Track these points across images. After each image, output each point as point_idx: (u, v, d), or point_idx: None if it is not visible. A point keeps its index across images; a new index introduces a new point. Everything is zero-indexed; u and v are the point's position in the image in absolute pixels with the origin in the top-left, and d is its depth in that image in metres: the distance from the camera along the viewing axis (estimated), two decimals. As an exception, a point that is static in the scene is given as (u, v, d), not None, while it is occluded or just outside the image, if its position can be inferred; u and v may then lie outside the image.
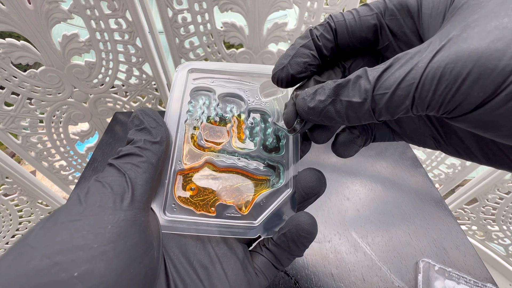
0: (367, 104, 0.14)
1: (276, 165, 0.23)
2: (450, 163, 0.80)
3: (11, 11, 0.47)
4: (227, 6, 0.52)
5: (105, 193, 0.15)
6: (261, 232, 0.21)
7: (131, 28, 0.53)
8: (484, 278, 0.36)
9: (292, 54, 0.18)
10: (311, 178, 0.22)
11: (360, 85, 0.14)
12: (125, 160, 0.17)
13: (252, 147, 0.23)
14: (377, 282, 0.35)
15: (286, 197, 0.22)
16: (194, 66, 0.24)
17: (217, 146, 0.22)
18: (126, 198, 0.16)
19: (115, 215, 0.15)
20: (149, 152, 0.18)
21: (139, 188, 0.16)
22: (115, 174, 0.17)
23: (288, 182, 0.22)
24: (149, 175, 0.17)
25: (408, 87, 0.13)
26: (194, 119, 0.23)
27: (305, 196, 0.22)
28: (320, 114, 0.16)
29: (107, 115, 0.70)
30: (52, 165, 0.77)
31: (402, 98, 0.13)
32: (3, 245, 0.78)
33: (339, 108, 0.15)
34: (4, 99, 0.59)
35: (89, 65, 0.59)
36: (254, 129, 0.24)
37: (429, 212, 0.43)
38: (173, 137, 0.22)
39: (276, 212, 0.21)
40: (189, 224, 0.20)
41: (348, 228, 0.41)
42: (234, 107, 0.24)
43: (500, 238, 0.80)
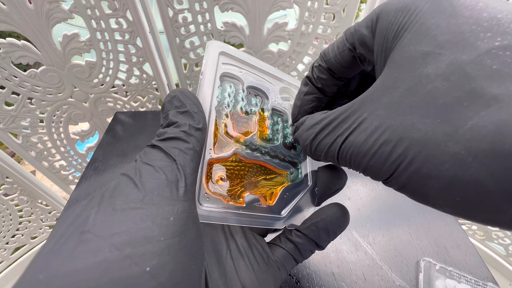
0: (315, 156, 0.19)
1: (295, 161, 0.24)
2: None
3: (11, 10, 0.47)
4: (228, 6, 0.52)
5: (161, 179, 0.14)
6: (287, 223, 0.22)
7: (132, 28, 0.53)
8: (485, 277, 0.36)
9: (299, 104, 0.21)
10: (333, 173, 0.23)
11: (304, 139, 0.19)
12: (172, 144, 0.16)
13: (274, 143, 0.24)
14: (378, 281, 0.35)
15: (307, 191, 0.23)
16: (224, 49, 0.23)
17: (243, 136, 0.22)
18: (180, 188, 0.15)
19: (174, 205, 0.14)
20: (194, 139, 0.17)
21: (189, 177, 0.15)
22: (164, 159, 0.15)
23: (307, 177, 0.24)
24: (195, 163, 0.16)
25: (332, 158, 0.17)
26: (223, 106, 0.22)
27: (327, 191, 0.23)
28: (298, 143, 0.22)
29: (108, 115, 0.70)
30: (52, 165, 0.77)
31: (334, 162, 0.18)
32: (4, 245, 0.78)
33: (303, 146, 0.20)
34: (5, 98, 0.59)
35: (89, 64, 0.58)
36: (275, 126, 0.25)
37: (430, 212, 0.43)
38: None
39: (297, 205, 0.22)
40: (222, 214, 0.19)
41: (349, 227, 0.41)
42: (259, 101, 0.24)
43: (500, 238, 0.80)
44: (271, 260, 0.21)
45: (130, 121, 0.61)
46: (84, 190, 0.46)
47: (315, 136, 0.18)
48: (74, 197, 0.45)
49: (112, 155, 0.52)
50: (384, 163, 0.14)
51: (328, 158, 0.17)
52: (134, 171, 0.15)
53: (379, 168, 0.14)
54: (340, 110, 0.17)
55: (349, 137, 0.15)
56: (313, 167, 0.24)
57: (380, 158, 0.14)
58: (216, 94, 0.21)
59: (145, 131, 0.58)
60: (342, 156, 0.16)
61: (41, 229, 0.86)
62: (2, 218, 0.74)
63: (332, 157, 0.17)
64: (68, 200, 0.45)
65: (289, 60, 0.61)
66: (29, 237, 0.84)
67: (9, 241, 0.79)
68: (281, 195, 0.22)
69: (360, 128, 0.15)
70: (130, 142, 0.55)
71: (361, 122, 0.15)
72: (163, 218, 0.13)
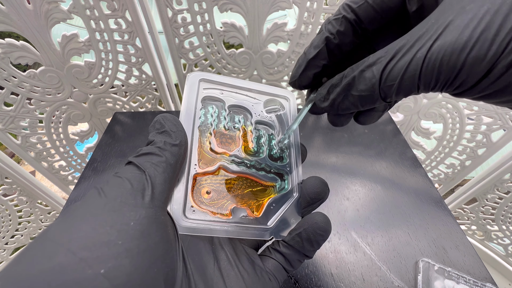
0: (376, 95, 0.16)
1: (281, 172, 0.25)
2: (449, 163, 0.80)
3: (10, 11, 0.47)
4: (227, 6, 0.52)
5: (126, 188, 0.15)
6: (274, 234, 0.22)
7: (131, 28, 0.53)
8: (484, 277, 0.36)
9: (304, 67, 0.19)
10: (316, 185, 0.23)
11: (366, 79, 0.16)
12: (144, 158, 0.17)
13: (259, 156, 0.25)
14: (377, 281, 0.35)
15: (292, 202, 0.23)
16: (204, 76, 0.25)
17: (228, 152, 0.24)
18: (146, 195, 0.15)
19: (136, 211, 0.15)
20: (169, 153, 0.18)
21: (158, 186, 0.16)
22: (134, 171, 0.16)
23: (293, 188, 0.24)
24: (168, 175, 0.17)
25: (411, 78, 0.14)
26: (206, 126, 0.24)
27: (310, 201, 0.23)
28: (337, 109, 0.18)
29: (107, 115, 0.70)
30: (52, 165, 0.77)
31: (408, 87, 0.14)
32: (3, 245, 0.78)
33: (352, 100, 0.17)
34: (4, 99, 0.59)
35: (88, 65, 0.58)
36: (260, 139, 0.25)
37: (428, 212, 0.43)
38: (189, 142, 0.22)
39: (284, 216, 0.23)
40: (208, 226, 0.20)
41: (348, 228, 0.41)
42: (242, 118, 0.26)
43: (500, 238, 0.80)
44: (262, 271, 0.21)
45: (129, 122, 0.61)
46: (83, 190, 0.46)
47: (385, 66, 0.15)
48: (73, 198, 0.45)
49: (111, 156, 0.52)
50: (489, 48, 0.12)
51: (405, 81, 0.14)
52: (103, 183, 0.16)
53: (481, 57, 0.12)
54: (410, 32, 0.15)
55: (436, 42, 0.13)
56: (299, 179, 0.24)
57: (484, 44, 0.12)
58: (199, 115, 0.24)
59: (144, 131, 0.58)
60: (429, 67, 0.13)
61: (40, 230, 0.86)
62: (1, 219, 0.74)
63: (412, 76, 0.14)
64: (67, 200, 0.45)
65: (288, 60, 0.61)
66: (29, 238, 0.84)
67: (9, 241, 0.79)
68: (267, 207, 0.23)
69: (448, 29, 0.13)
70: (129, 142, 0.55)
71: (448, 24, 0.13)
72: (123, 223, 0.14)
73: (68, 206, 0.14)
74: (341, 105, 0.18)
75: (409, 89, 0.15)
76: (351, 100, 0.17)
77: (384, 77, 0.15)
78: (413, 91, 0.15)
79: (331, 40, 0.18)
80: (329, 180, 0.48)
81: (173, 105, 0.72)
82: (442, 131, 0.75)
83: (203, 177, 0.22)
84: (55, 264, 0.12)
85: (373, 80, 0.15)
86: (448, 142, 0.76)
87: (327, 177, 0.48)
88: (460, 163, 0.78)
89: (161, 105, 0.71)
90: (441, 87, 0.14)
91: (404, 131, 0.77)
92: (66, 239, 0.13)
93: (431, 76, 0.14)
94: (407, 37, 0.15)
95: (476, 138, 0.71)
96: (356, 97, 0.16)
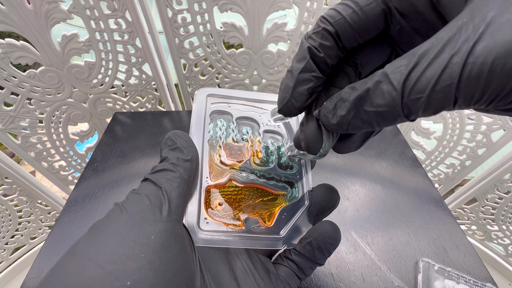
0: (398, 111, 0.12)
1: (291, 181, 0.25)
2: (449, 163, 0.80)
3: (10, 11, 0.47)
4: (227, 6, 0.52)
5: (145, 204, 0.16)
6: (286, 243, 0.22)
7: (131, 28, 0.53)
8: (484, 277, 0.36)
9: (292, 85, 0.16)
10: (326, 193, 0.23)
11: (383, 92, 0.12)
12: (160, 175, 0.18)
13: (269, 165, 0.25)
14: (377, 281, 0.35)
15: (303, 210, 0.23)
16: (211, 92, 0.26)
17: (238, 163, 0.24)
18: (164, 210, 0.16)
19: (156, 226, 0.15)
20: (182, 169, 0.19)
21: (174, 201, 0.17)
22: (151, 187, 0.17)
23: (303, 196, 0.24)
24: (182, 190, 0.18)
25: (446, 89, 0.11)
26: (215, 139, 0.25)
27: (321, 209, 0.23)
28: (347, 129, 0.15)
29: (107, 115, 0.70)
30: (52, 165, 0.77)
31: (442, 100, 0.11)
32: (3, 245, 0.78)
33: (365, 118, 0.14)
34: (4, 99, 0.59)
35: (88, 65, 0.58)
36: (268, 148, 0.26)
37: (428, 212, 0.43)
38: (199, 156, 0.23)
39: (296, 224, 0.23)
40: (222, 238, 0.21)
41: (348, 228, 0.41)
42: (249, 129, 0.26)
43: (500, 238, 0.80)
44: (277, 279, 0.22)
45: (129, 122, 0.61)
46: (83, 190, 0.46)
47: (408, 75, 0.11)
48: (73, 198, 0.45)
49: (111, 156, 0.52)
50: None
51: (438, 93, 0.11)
52: (124, 200, 0.17)
53: None
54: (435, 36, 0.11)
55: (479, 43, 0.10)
56: (309, 186, 0.24)
57: None
58: (208, 130, 0.24)
59: (144, 131, 0.58)
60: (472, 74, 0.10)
61: (40, 230, 0.86)
62: (1, 219, 0.74)
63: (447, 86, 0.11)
64: (67, 200, 0.45)
65: (288, 60, 0.61)
66: (29, 238, 0.84)
67: (9, 241, 0.79)
68: (279, 216, 0.23)
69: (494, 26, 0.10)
70: (129, 142, 0.55)
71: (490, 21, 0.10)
72: (144, 237, 0.15)
73: (94, 224, 0.16)
74: (352, 124, 0.14)
75: (442, 103, 0.11)
76: (364, 118, 0.14)
77: (408, 89, 0.12)
78: (447, 106, 0.11)
79: (316, 54, 0.15)
80: (329, 180, 0.48)
81: (173, 105, 0.72)
82: (442, 131, 0.75)
83: (215, 189, 0.23)
84: (85, 278, 0.13)
85: (394, 94, 0.12)
86: (448, 142, 0.76)
87: (327, 177, 0.48)
88: (460, 163, 0.78)
89: (161, 105, 0.71)
90: (490, 100, 0.10)
91: (404, 131, 0.77)
92: (94, 253, 0.14)
93: (476, 86, 0.10)
94: (432, 40, 0.11)
95: (476, 138, 0.71)
96: (372, 113, 0.13)
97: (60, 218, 0.42)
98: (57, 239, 0.40)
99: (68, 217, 0.42)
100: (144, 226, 0.15)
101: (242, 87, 0.67)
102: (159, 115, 0.62)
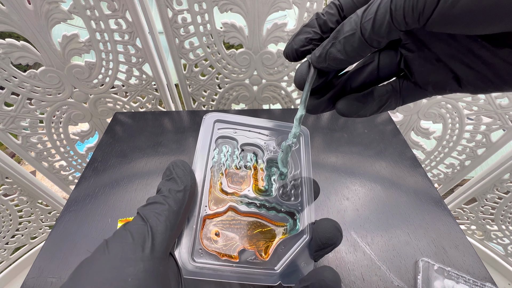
0: (358, 33, 0.16)
1: (292, 211, 0.24)
2: (449, 163, 0.80)
3: (11, 11, 0.47)
4: (227, 6, 0.52)
5: (127, 242, 0.17)
6: (282, 279, 0.21)
7: (131, 29, 0.53)
8: (483, 277, 0.36)
9: (296, 33, 0.20)
10: (328, 229, 0.22)
11: (351, 22, 0.17)
12: (149, 208, 0.18)
13: (271, 194, 0.24)
14: (377, 281, 0.35)
15: (303, 244, 0.22)
16: (219, 117, 0.26)
17: (239, 191, 0.24)
18: (146, 248, 0.17)
19: (135, 266, 0.16)
20: (172, 200, 0.19)
21: (159, 236, 0.17)
22: (138, 223, 0.18)
23: (304, 228, 0.23)
24: (170, 222, 0.18)
25: (385, 5, 0.15)
26: (219, 166, 0.25)
27: (321, 246, 0.22)
28: (326, 58, 0.18)
29: (107, 115, 0.70)
30: (52, 165, 0.77)
31: (383, 16, 0.15)
32: (3, 245, 0.78)
33: (339, 47, 0.17)
34: (4, 99, 0.59)
35: (89, 65, 0.59)
36: (271, 177, 0.25)
37: (428, 212, 0.43)
38: (201, 183, 0.23)
39: (295, 258, 0.22)
40: (214, 270, 0.20)
41: (348, 227, 0.41)
42: (253, 156, 0.26)
43: (499, 238, 0.80)
44: None
45: (129, 122, 0.61)
46: (83, 190, 0.46)
47: (364, 10, 0.16)
48: (73, 198, 0.45)
49: (112, 156, 0.52)
50: None
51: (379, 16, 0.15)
52: (111, 236, 0.17)
53: None
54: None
55: None
56: (311, 219, 0.23)
57: None
58: (212, 156, 0.24)
59: (144, 131, 0.58)
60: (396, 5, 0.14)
61: (41, 229, 0.86)
62: (2, 219, 0.74)
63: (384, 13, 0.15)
64: (67, 200, 0.45)
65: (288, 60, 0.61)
66: (29, 237, 0.84)
67: (9, 241, 0.79)
68: (276, 249, 0.22)
69: None
70: (129, 142, 0.55)
71: None
72: (121, 280, 0.15)
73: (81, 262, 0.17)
74: (329, 53, 0.18)
75: (383, 18, 0.15)
76: (338, 47, 0.17)
77: (365, 14, 0.16)
78: (385, 22, 0.15)
79: (320, 17, 0.19)
80: (329, 180, 0.48)
81: (173, 105, 0.72)
82: (442, 131, 0.75)
83: (213, 218, 0.22)
84: None
85: (356, 19, 0.16)
86: (448, 142, 0.76)
87: (327, 177, 0.48)
88: (460, 163, 0.78)
89: (161, 105, 0.72)
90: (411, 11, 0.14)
91: (404, 131, 0.77)
92: None
93: (399, 12, 0.14)
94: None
95: (476, 138, 0.71)
96: (342, 41, 0.17)
97: (61, 218, 0.42)
98: (58, 239, 0.40)
99: (68, 217, 0.42)
100: (123, 268, 0.16)
101: (242, 87, 0.67)
102: (160, 115, 0.62)
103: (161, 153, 0.53)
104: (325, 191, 0.46)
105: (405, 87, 0.20)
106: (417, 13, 0.13)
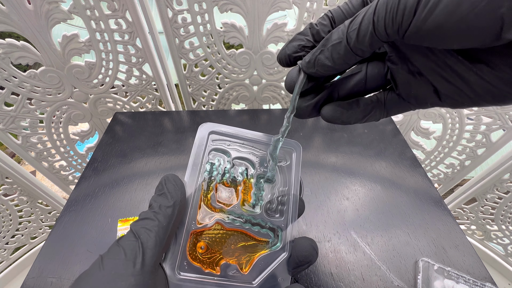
0: (344, 41, 0.17)
1: (276, 228, 0.25)
2: (449, 163, 0.80)
3: (11, 11, 0.47)
4: (227, 6, 0.52)
5: (120, 259, 0.18)
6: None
7: (131, 29, 0.53)
8: (483, 277, 0.36)
9: (290, 40, 0.21)
10: (305, 248, 0.23)
11: (338, 31, 0.18)
12: (141, 224, 0.20)
13: (257, 211, 0.25)
14: (377, 281, 0.35)
15: (282, 260, 0.23)
16: (214, 128, 0.26)
17: (226, 206, 0.24)
18: (137, 263, 0.18)
19: (126, 281, 0.17)
20: (162, 216, 0.20)
21: (149, 252, 0.19)
22: (131, 239, 0.19)
23: (285, 245, 0.24)
24: (159, 237, 0.19)
25: (368, 17, 0.16)
26: (210, 179, 0.25)
27: (298, 263, 0.23)
28: (314, 64, 0.19)
29: (107, 115, 0.70)
30: (52, 165, 0.77)
31: (366, 26, 0.16)
32: (3, 245, 0.78)
33: (327, 54, 0.18)
34: (4, 99, 0.59)
35: (89, 65, 0.59)
36: (260, 193, 0.26)
37: (428, 212, 0.43)
38: (191, 197, 0.24)
39: (273, 273, 0.23)
40: (197, 283, 0.21)
41: (348, 227, 0.41)
42: (244, 170, 0.26)
43: (499, 238, 0.80)
44: None
45: (129, 122, 0.61)
46: (83, 190, 0.46)
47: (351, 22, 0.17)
48: (73, 198, 0.45)
49: (112, 156, 0.52)
50: None
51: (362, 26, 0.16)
52: (106, 252, 0.19)
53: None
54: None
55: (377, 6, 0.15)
56: (291, 237, 0.24)
57: None
58: (204, 169, 0.25)
59: (144, 131, 0.58)
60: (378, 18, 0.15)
61: (41, 229, 0.86)
62: (2, 219, 0.74)
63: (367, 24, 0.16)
64: (67, 200, 0.45)
65: (288, 60, 0.61)
66: (29, 237, 0.84)
67: (9, 241, 0.79)
68: (256, 263, 0.23)
69: None
70: (129, 142, 0.55)
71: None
72: None
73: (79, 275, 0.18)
74: (318, 58, 0.19)
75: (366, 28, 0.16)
76: (326, 54, 0.18)
77: (351, 24, 0.17)
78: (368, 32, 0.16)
79: (313, 27, 0.20)
80: (328, 180, 0.48)
81: (173, 105, 0.72)
82: (442, 131, 0.75)
83: (199, 231, 0.23)
84: None
85: (343, 29, 0.17)
86: (448, 142, 0.76)
87: (327, 177, 0.48)
88: (460, 163, 0.78)
89: (161, 105, 0.72)
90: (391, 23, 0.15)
91: (404, 131, 0.77)
92: None
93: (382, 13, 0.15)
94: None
95: (476, 138, 0.71)
96: (330, 48, 0.18)
97: (61, 218, 0.42)
98: (58, 239, 0.40)
99: (68, 217, 0.42)
100: (115, 282, 0.17)
101: (242, 87, 0.67)
102: (160, 115, 0.62)
103: (161, 153, 0.53)
104: (325, 191, 0.46)
105: (390, 99, 0.21)
106: (397, 25, 0.14)
